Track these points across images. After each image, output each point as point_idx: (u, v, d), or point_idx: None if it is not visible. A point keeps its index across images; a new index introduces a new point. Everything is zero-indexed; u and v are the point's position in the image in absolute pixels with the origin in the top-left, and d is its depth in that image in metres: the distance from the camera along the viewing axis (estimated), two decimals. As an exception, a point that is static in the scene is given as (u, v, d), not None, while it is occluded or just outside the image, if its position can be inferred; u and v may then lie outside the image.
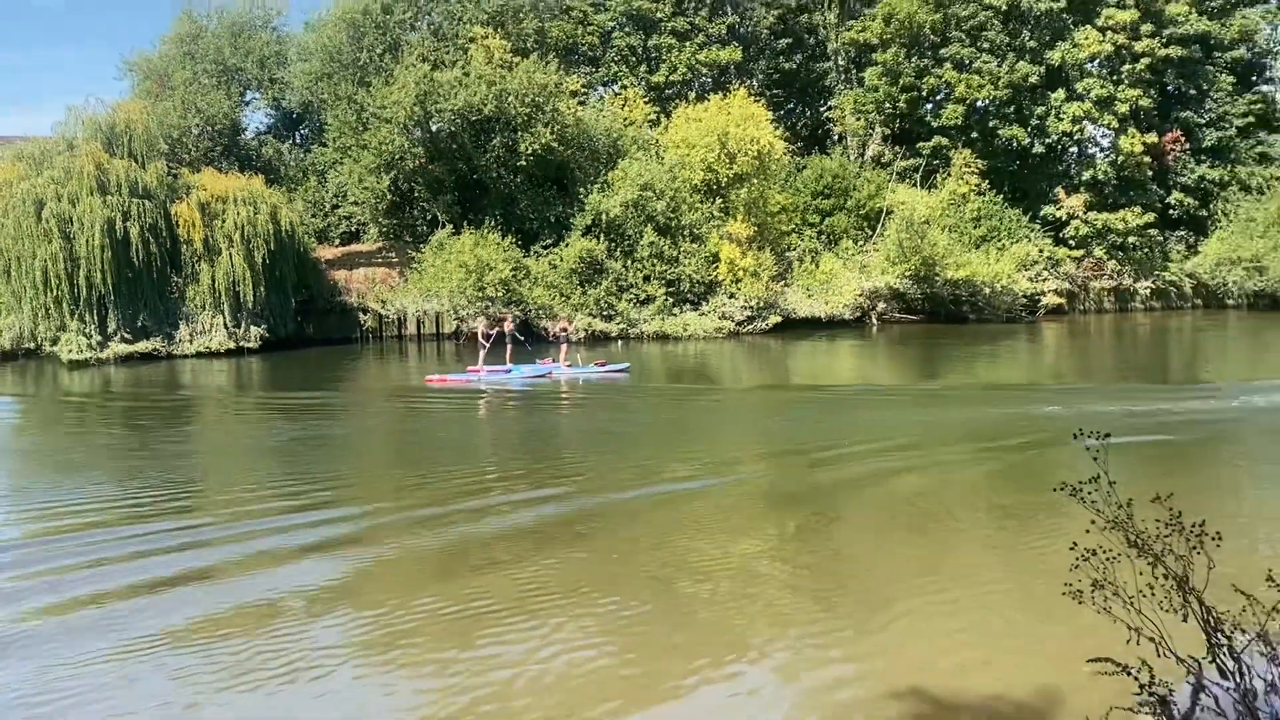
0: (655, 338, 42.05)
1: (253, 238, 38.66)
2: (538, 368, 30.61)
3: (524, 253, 43.55)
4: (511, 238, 43.41)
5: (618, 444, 19.69)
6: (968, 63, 54.58)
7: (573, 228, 44.26)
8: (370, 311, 43.07)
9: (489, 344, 31.25)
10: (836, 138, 61.10)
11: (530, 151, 43.92)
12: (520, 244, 43.74)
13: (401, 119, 43.77)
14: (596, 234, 43.83)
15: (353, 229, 52.12)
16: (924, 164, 55.23)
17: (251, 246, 38.59)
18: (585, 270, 43.17)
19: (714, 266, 44.28)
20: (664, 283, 43.62)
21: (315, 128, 55.22)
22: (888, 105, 56.00)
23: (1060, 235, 54.43)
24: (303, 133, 58.99)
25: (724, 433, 21.48)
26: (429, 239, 45.06)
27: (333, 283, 43.99)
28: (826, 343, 41.02)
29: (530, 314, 40.44)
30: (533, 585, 10.39)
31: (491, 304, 40.66)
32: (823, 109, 64.13)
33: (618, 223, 43.68)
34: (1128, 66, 53.60)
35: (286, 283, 40.58)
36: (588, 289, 42.96)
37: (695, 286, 44.16)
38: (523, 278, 42.36)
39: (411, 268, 44.45)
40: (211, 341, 37.88)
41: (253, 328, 38.73)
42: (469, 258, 41.36)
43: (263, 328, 39.05)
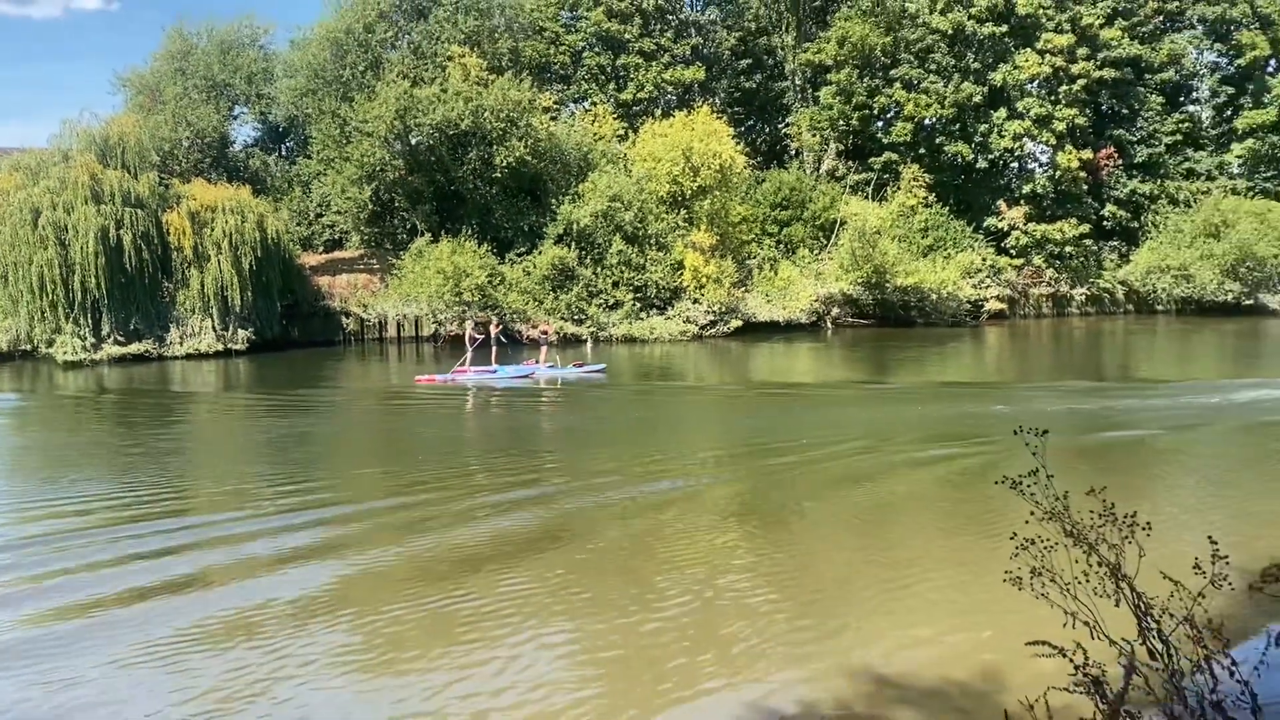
0: (623, 340, 42.04)
1: (240, 245, 38.40)
2: (521, 368, 30.60)
3: (499, 260, 43.42)
4: (487, 246, 43.27)
5: (594, 441, 19.67)
6: (916, 83, 54.93)
7: (545, 236, 44.20)
8: (352, 315, 42.78)
9: (474, 346, 31.25)
10: (794, 153, 61.25)
11: (505, 164, 43.85)
12: (495, 252, 43.62)
13: (382, 133, 43.57)
14: (568, 242, 43.78)
15: (336, 237, 51.81)
16: (875, 178, 55.54)
17: (239, 253, 38.34)
18: (557, 277, 43.09)
19: (679, 273, 44.34)
20: (632, 288, 43.64)
21: (300, 141, 54.88)
22: (841, 122, 56.21)
23: (1002, 245, 54.82)
24: (288, 145, 58.61)
25: (690, 430, 21.48)
26: (408, 247, 44.85)
27: (316, 288, 43.64)
28: (784, 345, 41.11)
29: (505, 318, 40.31)
30: (512, 578, 10.36)
31: (468, 309, 40.53)
32: (781, 126, 64.26)
33: (588, 232, 43.68)
34: (1065, 87, 54.09)
35: (272, 288, 40.28)
36: (560, 294, 42.91)
37: (661, 292, 44.19)
38: (498, 284, 42.23)
39: (392, 274, 44.19)
40: (201, 344, 37.57)
41: (240, 331, 38.47)
42: (446, 264, 41.21)
43: (250, 330, 38.79)
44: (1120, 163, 56.68)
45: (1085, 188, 55.47)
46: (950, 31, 54.40)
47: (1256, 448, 17.58)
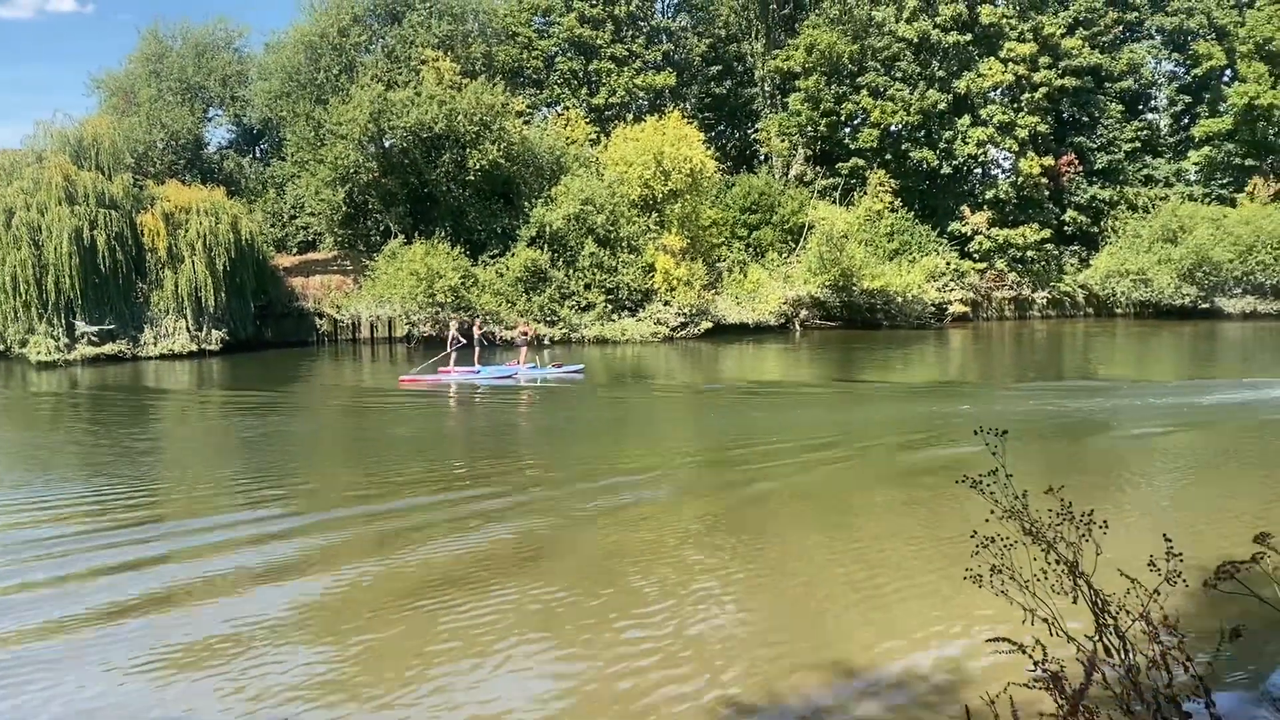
0: (595, 341, 41.99)
1: (214, 246, 38.15)
2: (503, 369, 30.65)
3: (472, 262, 43.31)
4: (460, 247, 43.18)
5: (571, 440, 19.64)
6: (882, 90, 55.21)
7: (518, 238, 44.09)
8: (326, 316, 42.53)
9: (458, 347, 31.17)
10: (763, 158, 61.45)
11: (478, 167, 43.72)
12: (469, 253, 43.52)
13: (356, 135, 43.33)
14: (541, 244, 43.69)
15: (310, 238, 51.43)
16: (842, 183, 55.78)
17: (213, 254, 38.08)
18: (530, 278, 43.00)
19: (650, 276, 44.33)
20: (604, 290, 43.60)
21: (275, 143, 54.47)
22: (809, 128, 56.38)
23: (965, 249, 55.22)
24: (263, 148, 58.22)
25: (663, 429, 21.49)
26: (382, 248, 44.66)
27: (290, 289, 43.35)
28: (754, 347, 41.19)
29: (478, 319, 40.17)
30: (491, 573, 10.31)
31: (441, 310, 40.41)
32: (750, 131, 64.41)
33: (560, 234, 43.62)
34: (1027, 95, 54.62)
35: (246, 289, 40.06)
36: (532, 296, 42.83)
37: (633, 294, 44.18)
38: (471, 285, 42.09)
39: (365, 275, 43.92)
40: (175, 344, 37.27)
41: (214, 331, 38.22)
42: (420, 266, 41.05)
43: (223, 331, 38.58)
44: (1080, 169, 57.25)
45: (1047, 193, 56.02)
46: (916, 40, 54.76)
47: (1210, 447, 17.74)
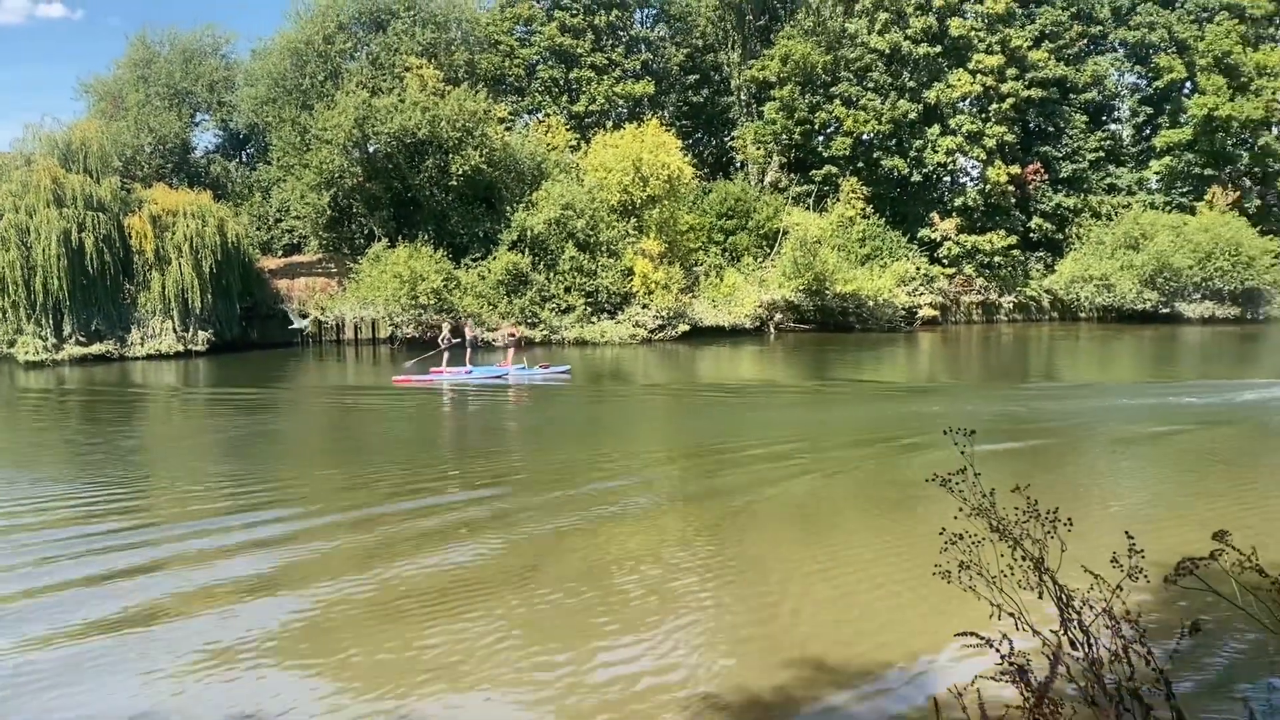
0: (575, 343, 41.95)
1: (201, 249, 37.99)
2: (493, 369, 30.60)
3: (454, 265, 43.18)
4: (443, 251, 43.05)
5: (554, 439, 19.62)
6: (855, 100, 55.41)
7: (500, 242, 44.00)
8: (310, 317, 42.31)
9: (448, 348, 31.11)
10: (739, 165, 61.50)
11: (461, 172, 43.62)
12: (451, 257, 43.40)
13: (341, 140, 43.15)
14: (522, 248, 43.61)
15: (294, 241, 51.15)
16: (816, 190, 55.98)
17: (200, 257, 37.91)
18: (511, 281, 42.94)
19: (629, 279, 44.30)
20: (583, 293, 43.56)
21: (260, 147, 54.13)
22: (784, 137, 56.50)
23: (935, 255, 55.46)
24: (249, 152, 57.89)
25: (643, 429, 21.49)
26: (366, 251, 44.43)
27: (275, 291, 43.14)
28: (730, 349, 41.21)
29: (460, 321, 40.06)
30: (476, 566, 10.29)
31: (424, 312, 40.32)
32: (726, 139, 64.48)
33: (541, 238, 43.55)
34: (995, 105, 54.95)
35: (232, 290, 39.88)
36: (513, 298, 42.75)
37: (612, 297, 44.14)
38: (453, 288, 41.97)
39: (349, 278, 43.70)
40: (161, 344, 37.07)
41: (200, 332, 38.04)
42: (403, 269, 40.93)
43: (209, 332, 38.40)
44: (1046, 178, 57.58)
45: (1013, 201, 56.33)
46: (888, 51, 55.02)
47: (1172, 447, 17.90)
